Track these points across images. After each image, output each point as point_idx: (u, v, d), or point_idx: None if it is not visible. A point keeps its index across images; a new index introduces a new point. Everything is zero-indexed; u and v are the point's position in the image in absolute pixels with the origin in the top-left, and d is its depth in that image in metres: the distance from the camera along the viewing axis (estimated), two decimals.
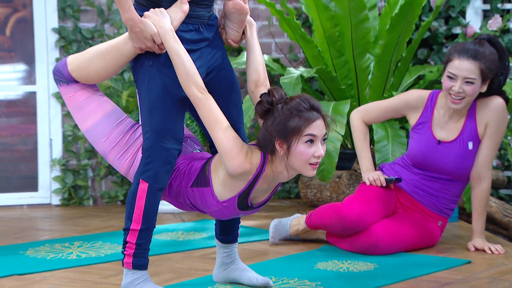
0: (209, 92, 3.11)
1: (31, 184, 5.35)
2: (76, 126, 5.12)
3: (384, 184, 4.06)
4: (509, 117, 4.66)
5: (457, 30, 5.43)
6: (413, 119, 4.13)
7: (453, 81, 3.93)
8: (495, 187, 5.21)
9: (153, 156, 3.11)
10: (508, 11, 5.36)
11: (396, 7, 4.88)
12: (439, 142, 4.05)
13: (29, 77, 5.45)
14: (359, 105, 4.84)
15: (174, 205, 3.32)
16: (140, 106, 3.16)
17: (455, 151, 4.03)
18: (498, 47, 4.08)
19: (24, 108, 5.60)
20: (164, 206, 4.91)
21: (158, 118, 3.12)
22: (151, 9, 3.10)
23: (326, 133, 2.97)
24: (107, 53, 3.22)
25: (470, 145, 4.04)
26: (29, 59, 5.40)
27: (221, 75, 3.29)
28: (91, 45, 4.97)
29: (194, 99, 3.01)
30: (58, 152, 5.28)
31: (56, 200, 5.26)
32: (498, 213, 4.68)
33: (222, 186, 3.06)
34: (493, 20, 5.32)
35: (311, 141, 2.94)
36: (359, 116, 4.22)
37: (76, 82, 3.28)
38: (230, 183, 3.04)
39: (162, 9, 3.08)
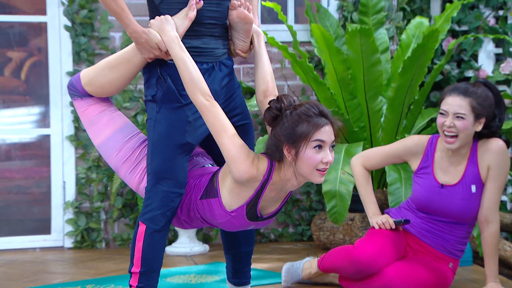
0: None
1: (44, 227, 5.32)
2: (89, 168, 5.14)
3: (394, 227, 4.04)
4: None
5: (470, 73, 5.44)
6: (414, 164, 4.11)
7: (445, 117, 3.93)
8: (510, 231, 5.16)
9: (151, 198, 3.14)
10: None
11: (408, 50, 4.93)
12: (442, 186, 4.02)
13: (44, 120, 5.43)
14: (372, 147, 4.83)
15: (186, 226, 3.32)
16: (148, 145, 3.21)
17: (459, 194, 3.99)
18: (494, 91, 4.07)
19: (38, 151, 5.59)
20: (176, 248, 5.00)
21: (158, 161, 3.15)
22: (156, 17, 3.13)
23: (334, 140, 2.98)
24: (118, 65, 3.24)
25: (473, 188, 4.00)
26: (43, 103, 5.41)
27: (239, 124, 3.30)
28: None
29: (200, 106, 3.01)
30: (71, 194, 5.26)
31: (68, 243, 5.24)
32: (506, 254, 4.64)
33: (230, 196, 3.06)
34: (506, 64, 5.36)
35: (320, 146, 2.94)
36: (360, 162, 4.22)
37: (90, 96, 3.30)
38: (238, 191, 3.04)
39: (168, 16, 3.11)
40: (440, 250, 4.02)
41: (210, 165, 3.35)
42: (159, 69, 3.14)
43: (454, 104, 3.88)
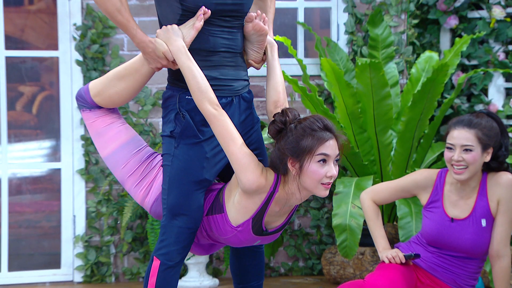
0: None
1: (53, 261, 5.30)
2: (99, 202, 5.14)
3: (404, 261, 4.01)
4: None
5: (480, 107, 5.43)
6: (424, 199, 4.06)
7: (452, 151, 3.90)
8: None
9: (166, 234, 3.12)
10: None
11: (418, 84, 4.93)
12: (452, 220, 3.93)
13: (54, 154, 5.43)
14: (382, 181, 4.80)
15: (193, 248, 3.28)
16: (162, 182, 3.18)
17: (469, 228, 3.94)
18: (497, 120, 4.04)
19: (48, 185, 5.59)
20: (186, 283, 5.04)
21: (174, 196, 3.13)
22: (163, 27, 3.12)
23: (339, 154, 2.96)
24: (126, 75, 3.24)
25: (484, 222, 3.94)
26: (54, 137, 5.42)
27: (252, 144, 3.25)
28: None
29: (208, 115, 2.99)
30: (81, 228, 5.22)
31: (78, 277, 5.20)
32: None
33: (236, 210, 3.04)
34: None
35: (324, 160, 2.93)
36: (370, 196, 4.19)
37: (99, 107, 3.30)
38: (244, 204, 3.01)
39: (174, 25, 3.10)
40: (451, 285, 3.92)
41: (216, 181, 3.33)
42: (178, 104, 3.12)
43: (461, 137, 3.87)
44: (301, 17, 5.32)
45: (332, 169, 2.94)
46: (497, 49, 5.37)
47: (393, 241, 4.78)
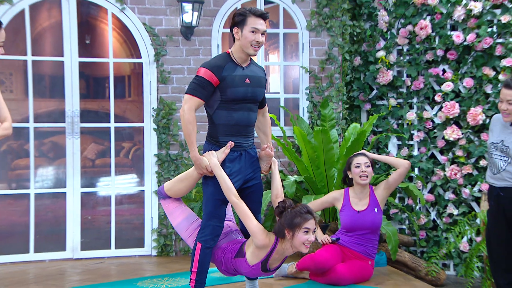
0: (245, 193, 3.03)
1: (140, 243, 5.06)
2: None
3: (330, 241, 4.01)
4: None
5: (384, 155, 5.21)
6: (339, 206, 4.04)
7: (359, 168, 3.90)
8: (407, 246, 4.96)
9: (205, 229, 3.02)
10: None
11: (349, 141, 4.80)
12: (358, 212, 3.94)
13: (140, 182, 5.11)
14: None
15: (220, 270, 3.14)
16: (203, 198, 3.12)
17: (368, 214, 3.93)
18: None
19: (137, 199, 5.21)
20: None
21: (209, 208, 3.02)
22: (207, 152, 3.00)
23: (315, 227, 2.88)
24: (184, 179, 3.16)
25: (376, 209, 3.95)
26: (140, 172, 5.11)
27: (253, 184, 3.12)
28: (176, 164, 4.88)
29: (233, 203, 2.92)
30: (155, 224, 4.92)
31: (154, 252, 4.96)
32: (409, 261, 4.51)
33: (252, 256, 2.95)
34: (403, 150, 5.10)
35: (307, 231, 2.85)
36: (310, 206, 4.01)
37: (169, 197, 3.22)
38: (257, 254, 2.94)
39: (213, 151, 2.99)
40: (362, 254, 3.99)
41: (239, 238, 3.18)
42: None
43: (362, 162, 3.91)
44: (282, 103, 5.13)
45: (311, 237, 2.84)
46: (392, 122, 5.20)
47: (335, 231, 4.65)
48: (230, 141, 2.98)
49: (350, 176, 4.04)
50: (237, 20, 2.93)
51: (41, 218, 4.98)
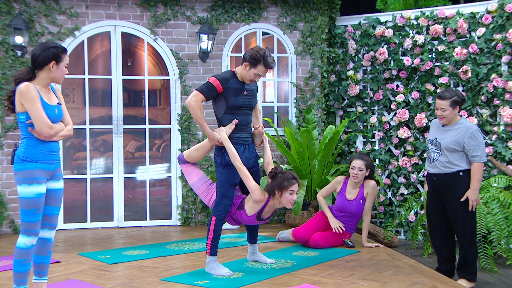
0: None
1: (168, 216, 5.04)
2: (188, 190, 5.02)
3: (343, 230, 3.90)
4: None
5: (352, 149, 5.31)
6: (338, 189, 4.08)
7: (353, 170, 3.89)
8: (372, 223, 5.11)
9: (219, 205, 3.06)
10: None
11: (326, 139, 4.89)
12: (348, 200, 4.00)
13: (168, 169, 5.10)
14: (311, 182, 4.86)
15: (228, 220, 3.15)
16: (216, 183, 3.14)
17: (355, 204, 3.98)
18: (369, 158, 3.95)
19: (166, 183, 5.11)
20: (226, 226, 4.87)
21: (222, 190, 3.07)
22: (218, 128, 3.02)
23: (298, 189, 2.98)
24: (200, 148, 3.18)
25: (361, 201, 3.99)
26: (168, 162, 5.04)
27: (254, 169, 3.17)
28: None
29: (237, 167, 2.93)
30: (180, 202, 4.97)
31: (179, 223, 4.99)
32: (371, 229, 4.61)
33: (250, 209, 3.01)
34: (368, 145, 5.22)
35: (292, 193, 2.90)
36: (320, 194, 4.10)
37: (187, 162, 3.22)
38: (254, 207, 2.99)
39: (222, 127, 3.02)
40: (345, 229, 4.06)
41: (240, 194, 3.24)
42: (224, 154, 3.05)
43: (358, 164, 3.93)
44: (275, 109, 5.22)
45: (295, 197, 2.91)
46: (359, 124, 5.30)
47: (317, 208, 4.78)
48: (235, 119, 3.01)
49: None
50: (251, 61, 2.99)
51: (95, 196, 5.16)
